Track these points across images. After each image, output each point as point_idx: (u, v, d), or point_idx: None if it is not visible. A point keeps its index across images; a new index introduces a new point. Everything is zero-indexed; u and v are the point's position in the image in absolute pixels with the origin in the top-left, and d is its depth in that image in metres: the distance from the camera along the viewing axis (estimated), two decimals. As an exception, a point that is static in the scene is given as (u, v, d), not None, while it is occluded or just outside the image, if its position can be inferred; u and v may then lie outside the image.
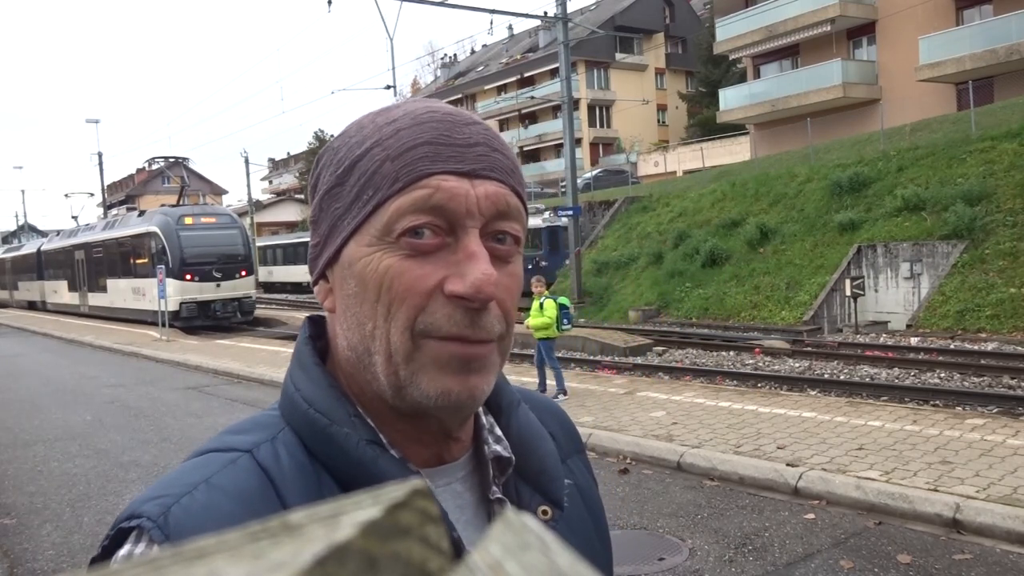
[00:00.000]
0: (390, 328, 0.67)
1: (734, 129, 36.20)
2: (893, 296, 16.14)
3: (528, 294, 7.90)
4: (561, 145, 22.79)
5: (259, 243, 43.53)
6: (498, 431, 0.78)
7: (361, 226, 0.68)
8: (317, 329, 0.78)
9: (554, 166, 46.46)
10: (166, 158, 31.13)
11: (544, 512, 0.77)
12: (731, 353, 13.61)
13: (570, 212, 21.17)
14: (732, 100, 31.97)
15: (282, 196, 78.04)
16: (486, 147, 0.69)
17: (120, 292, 25.13)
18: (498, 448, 0.76)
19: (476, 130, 0.70)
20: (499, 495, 0.75)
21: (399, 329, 0.66)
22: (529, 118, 52.03)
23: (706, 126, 41.19)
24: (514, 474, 0.77)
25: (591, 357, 13.69)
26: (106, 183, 53.07)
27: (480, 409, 0.78)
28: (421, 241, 0.66)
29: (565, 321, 9.39)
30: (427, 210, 0.66)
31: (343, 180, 0.70)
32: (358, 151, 0.69)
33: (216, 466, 0.67)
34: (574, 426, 0.93)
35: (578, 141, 39.60)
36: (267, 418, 0.73)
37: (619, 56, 48.32)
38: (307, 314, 0.82)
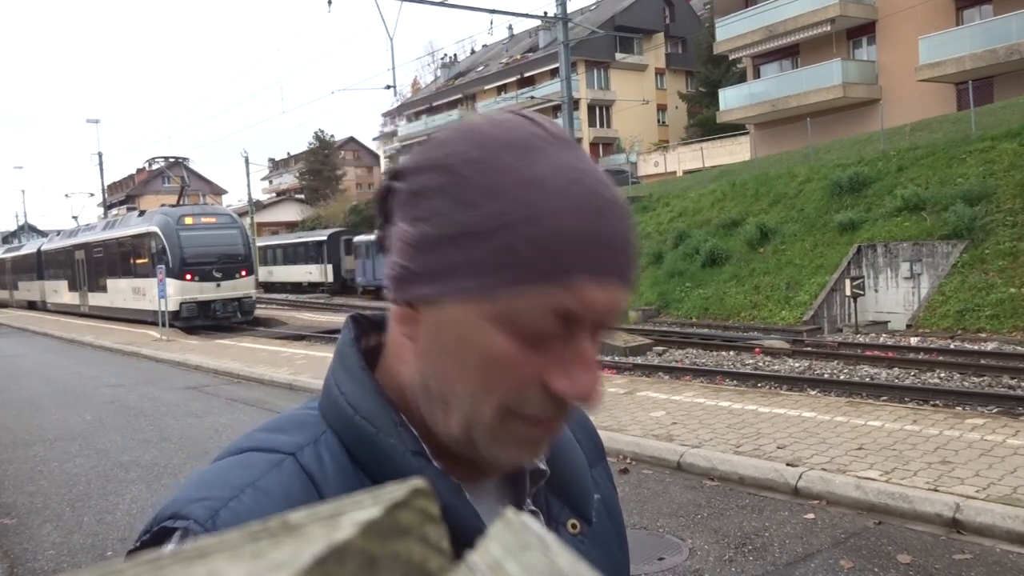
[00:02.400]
0: (481, 401, 0.65)
1: (734, 129, 36.20)
2: (893, 296, 16.14)
3: None
4: (561, 145, 22.86)
5: (259, 243, 43.53)
6: None
7: (480, 293, 0.64)
8: (361, 328, 0.77)
9: (554, 166, 46.37)
10: (166, 158, 31.13)
11: (573, 526, 0.77)
12: (731, 353, 13.60)
13: (570, 212, 21.11)
14: (732, 100, 31.98)
15: (282, 196, 78.08)
16: (631, 247, 0.66)
17: (120, 292, 25.13)
18: (535, 460, 0.75)
19: (626, 225, 0.65)
20: (532, 508, 0.75)
21: (491, 406, 0.65)
22: (529, 118, 51.91)
23: (706, 126, 41.19)
24: (545, 486, 0.76)
25: (591, 357, 13.65)
26: (106, 183, 53.09)
27: None
28: (539, 333, 0.64)
29: None
30: (560, 313, 0.63)
31: (473, 233, 0.63)
32: (502, 216, 0.62)
33: (261, 468, 0.65)
34: (598, 434, 0.93)
35: (578, 141, 39.48)
36: (306, 417, 0.72)
37: (619, 56, 48.32)
38: (351, 315, 0.79)
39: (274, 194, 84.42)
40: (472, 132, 0.66)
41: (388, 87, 46.01)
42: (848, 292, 15.30)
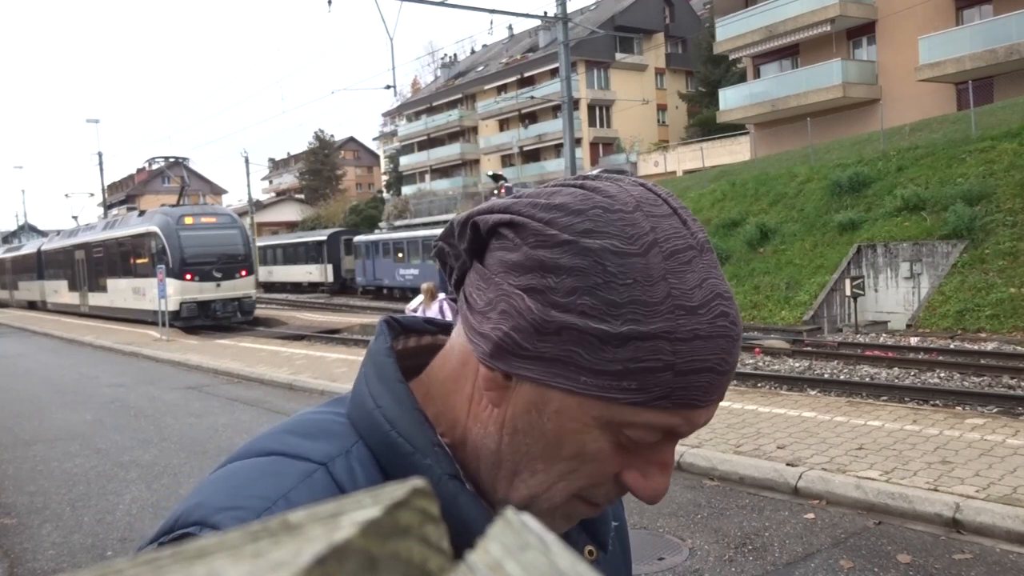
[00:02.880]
0: (558, 485, 0.65)
1: (734, 129, 36.19)
2: (893, 296, 16.14)
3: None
4: (561, 145, 22.82)
5: (259, 243, 43.55)
6: None
7: (597, 394, 0.62)
8: (394, 333, 0.74)
9: (554, 166, 46.48)
10: (166, 158, 31.14)
11: (590, 553, 0.77)
12: (731, 353, 13.60)
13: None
14: (732, 100, 31.97)
15: (282, 196, 78.10)
16: (733, 370, 0.65)
17: (120, 292, 25.14)
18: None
19: (738, 352, 0.64)
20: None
21: (566, 491, 0.65)
22: (529, 118, 52.03)
23: (706, 126, 41.19)
24: None
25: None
26: (106, 183, 53.09)
27: None
28: (638, 443, 0.64)
29: None
30: (666, 431, 0.63)
31: (611, 340, 0.60)
32: (642, 325, 0.60)
33: (293, 479, 0.62)
34: None
35: (578, 141, 39.59)
36: (334, 425, 0.69)
37: (619, 56, 48.32)
38: (382, 317, 0.77)
39: (274, 194, 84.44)
40: (618, 213, 0.62)
41: (388, 87, 46.03)
42: (848, 292, 15.30)
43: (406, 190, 59.91)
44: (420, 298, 9.78)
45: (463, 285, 0.69)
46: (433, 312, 9.15)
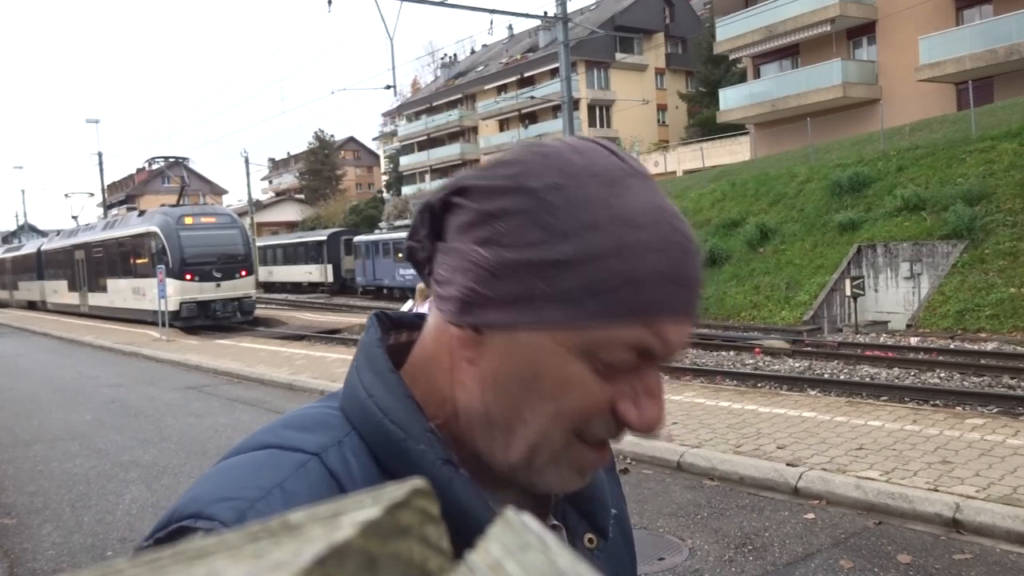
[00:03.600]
0: (552, 426, 0.65)
1: (734, 129, 36.19)
2: (893, 296, 16.14)
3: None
4: (561, 145, 22.88)
5: (259, 243, 43.54)
6: None
7: (563, 325, 0.63)
8: (384, 327, 0.75)
9: (554, 166, 46.38)
10: (166, 158, 31.12)
11: (590, 540, 0.77)
12: (731, 353, 13.61)
13: (570, 212, 21.13)
14: (732, 100, 31.97)
15: (282, 196, 78.10)
16: (700, 285, 0.67)
17: (120, 292, 25.13)
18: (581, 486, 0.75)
19: (698, 262, 0.66)
20: (555, 522, 0.75)
21: (562, 431, 0.65)
22: (529, 118, 52.02)
23: (706, 126, 41.18)
24: (563, 499, 0.76)
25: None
26: (106, 183, 53.07)
27: None
28: (615, 365, 0.64)
29: None
30: (640, 349, 0.64)
31: (563, 264, 0.62)
32: (594, 249, 0.62)
33: (287, 469, 0.63)
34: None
35: (578, 141, 39.50)
36: (328, 416, 0.70)
37: (619, 56, 48.32)
38: (373, 311, 0.78)
39: (274, 194, 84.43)
40: (553, 156, 0.65)
41: (388, 87, 45.95)
42: (848, 292, 15.30)
43: (406, 190, 59.92)
44: (411, 302, 9.80)
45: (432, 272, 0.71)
46: (425, 309, 9.15)
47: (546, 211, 0.62)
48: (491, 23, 53.08)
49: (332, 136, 75.86)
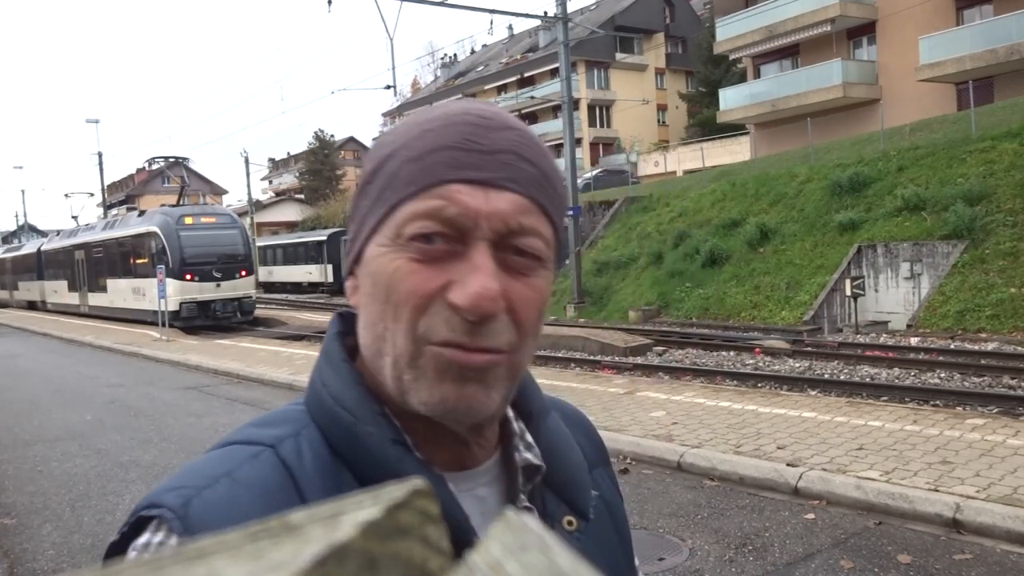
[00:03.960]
0: (396, 331, 0.66)
1: (734, 129, 36.20)
2: (893, 296, 16.14)
3: None
4: (561, 145, 22.80)
5: (259, 243, 43.52)
6: (529, 438, 0.76)
7: (379, 226, 0.68)
8: (347, 325, 0.77)
9: (554, 166, 46.39)
10: (166, 158, 31.12)
11: (569, 523, 0.76)
12: (731, 353, 13.61)
13: (570, 212, 21.17)
14: (732, 100, 31.97)
15: (282, 196, 78.05)
16: (512, 155, 0.67)
17: (120, 292, 25.13)
18: (529, 456, 0.75)
19: (506, 136, 0.67)
20: (526, 504, 0.74)
21: (403, 332, 0.66)
22: (529, 118, 51.98)
23: (706, 126, 41.18)
24: (541, 482, 0.76)
25: (591, 357, 13.68)
26: (106, 183, 53.07)
27: (511, 415, 0.77)
28: (430, 247, 0.65)
29: None
30: (439, 219, 0.65)
31: (371, 179, 0.70)
32: (388, 150, 0.69)
33: (239, 460, 0.66)
34: (600, 437, 0.92)
35: (578, 141, 39.59)
36: (294, 412, 0.73)
37: (619, 56, 48.33)
38: (337, 311, 0.80)
39: (274, 194, 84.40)
40: (413, 116, 0.72)
41: (388, 87, 45.96)
42: (848, 292, 15.30)
43: (406, 190, 59.78)
44: None
45: None
46: None
47: (373, 151, 0.72)
48: (491, 23, 53.05)
49: (332, 136, 75.80)
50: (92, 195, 43.42)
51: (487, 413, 0.68)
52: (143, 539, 0.63)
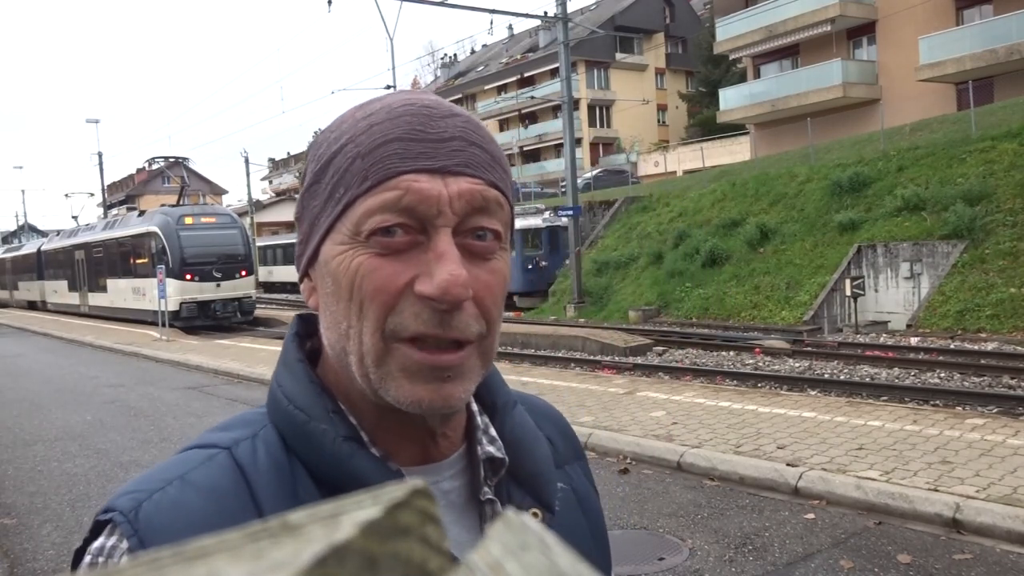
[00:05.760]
0: (362, 328, 0.66)
1: (734, 129, 36.19)
2: (893, 296, 16.14)
3: None
4: (561, 145, 22.82)
5: (259, 243, 43.53)
6: (492, 432, 0.76)
7: (335, 224, 0.67)
8: (307, 327, 0.77)
9: (554, 166, 46.47)
10: (166, 158, 31.14)
11: (535, 514, 0.76)
12: (731, 353, 13.61)
13: (570, 212, 21.18)
14: (732, 100, 31.97)
15: (282, 196, 77.99)
16: (462, 141, 0.67)
17: (120, 292, 25.13)
18: (491, 449, 0.75)
19: (452, 123, 0.68)
20: (490, 496, 0.74)
21: (370, 330, 0.65)
22: (529, 118, 52.03)
23: (706, 126, 41.18)
24: (506, 476, 0.75)
25: (591, 357, 13.68)
26: (106, 183, 53.09)
27: (475, 409, 0.77)
28: (392, 240, 0.65)
29: None
30: (397, 211, 0.65)
31: (319, 177, 0.69)
32: (334, 147, 0.68)
33: (193, 463, 0.68)
34: (574, 433, 0.92)
35: (578, 141, 39.58)
36: (253, 415, 0.74)
37: (619, 56, 48.33)
38: (298, 313, 0.81)
39: (274, 194, 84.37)
40: (342, 113, 0.72)
41: (388, 87, 45.92)
42: (848, 292, 15.29)
43: (406, 190, 59.80)
44: None
45: None
46: None
47: (316, 149, 0.70)
48: (491, 23, 53.05)
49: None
50: (92, 195, 43.45)
51: (462, 404, 0.69)
52: (97, 543, 0.65)
